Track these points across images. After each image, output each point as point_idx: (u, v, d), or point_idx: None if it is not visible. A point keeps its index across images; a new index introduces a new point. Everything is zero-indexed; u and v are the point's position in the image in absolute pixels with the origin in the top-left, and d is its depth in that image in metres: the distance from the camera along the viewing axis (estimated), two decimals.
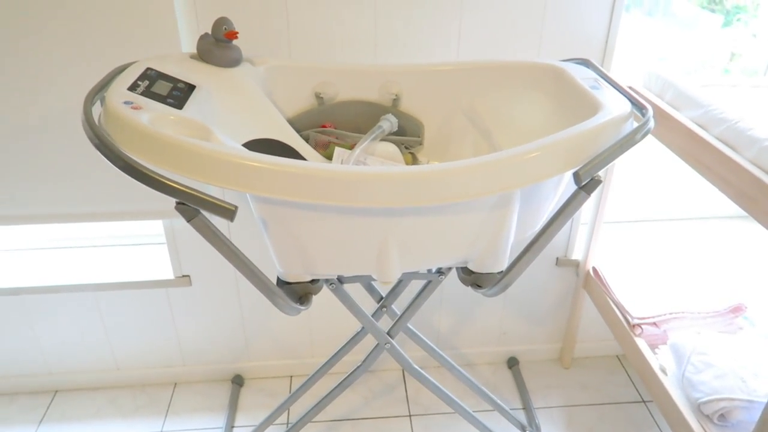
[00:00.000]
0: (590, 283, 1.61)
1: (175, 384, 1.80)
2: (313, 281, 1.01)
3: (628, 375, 1.82)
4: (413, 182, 0.79)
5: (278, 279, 1.01)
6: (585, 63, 1.16)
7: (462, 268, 1.03)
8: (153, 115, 0.83)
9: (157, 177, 0.76)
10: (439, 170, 0.79)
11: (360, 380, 1.78)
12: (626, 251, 1.70)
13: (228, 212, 0.77)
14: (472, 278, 1.01)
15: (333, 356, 1.39)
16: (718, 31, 1.63)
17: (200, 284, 1.62)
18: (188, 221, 0.81)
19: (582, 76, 1.06)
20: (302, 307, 1.01)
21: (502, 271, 1.00)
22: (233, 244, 0.89)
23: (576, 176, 0.84)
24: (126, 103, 0.84)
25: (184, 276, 1.60)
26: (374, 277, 0.95)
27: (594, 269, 1.60)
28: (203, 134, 0.84)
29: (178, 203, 0.80)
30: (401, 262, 0.93)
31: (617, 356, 1.89)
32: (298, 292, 1.01)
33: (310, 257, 0.93)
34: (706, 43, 1.63)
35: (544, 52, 1.37)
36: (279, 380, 1.81)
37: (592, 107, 0.94)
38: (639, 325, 1.37)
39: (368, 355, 1.27)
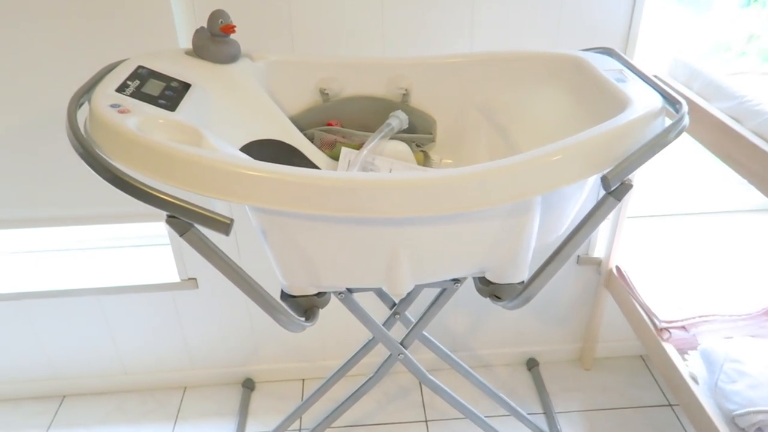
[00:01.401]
0: (613, 283, 1.54)
1: (185, 388, 1.76)
2: (319, 294, 0.94)
3: (653, 376, 1.74)
4: (424, 190, 0.72)
5: (282, 292, 0.94)
6: (608, 52, 1.07)
7: (479, 278, 0.96)
8: (141, 119, 0.77)
9: (145, 188, 0.70)
10: (451, 176, 0.73)
11: None
12: (651, 248, 1.62)
13: (222, 226, 0.71)
14: (490, 289, 0.94)
15: (344, 365, 1.34)
16: (736, 13, 1.54)
17: (207, 287, 1.57)
18: (181, 236, 0.75)
19: (605, 67, 0.98)
20: (307, 324, 0.94)
21: (523, 282, 0.93)
22: (230, 259, 0.82)
23: (604, 181, 0.76)
24: (113, 106, 0.78)
25: (190, 279, 1.55)
26: (385, 289, 0.89)
27: (617, 268, 1.52)
28: (195, 138, 0.78)
29: (169, 216, 0.74)
30: (413, 274, 0.86)
31: (641, 356, 1.81)
32: (304, 306, 0.95)
33: (314, 269, 0.87)
34: (723, 25, 1.55)
35: (563, 41, 1.29)
36: (290, 383, 1.76)
37: (618, 102, 0.86)
38: (667, 329, 1.29)
39: (380, 366, 1.21)
